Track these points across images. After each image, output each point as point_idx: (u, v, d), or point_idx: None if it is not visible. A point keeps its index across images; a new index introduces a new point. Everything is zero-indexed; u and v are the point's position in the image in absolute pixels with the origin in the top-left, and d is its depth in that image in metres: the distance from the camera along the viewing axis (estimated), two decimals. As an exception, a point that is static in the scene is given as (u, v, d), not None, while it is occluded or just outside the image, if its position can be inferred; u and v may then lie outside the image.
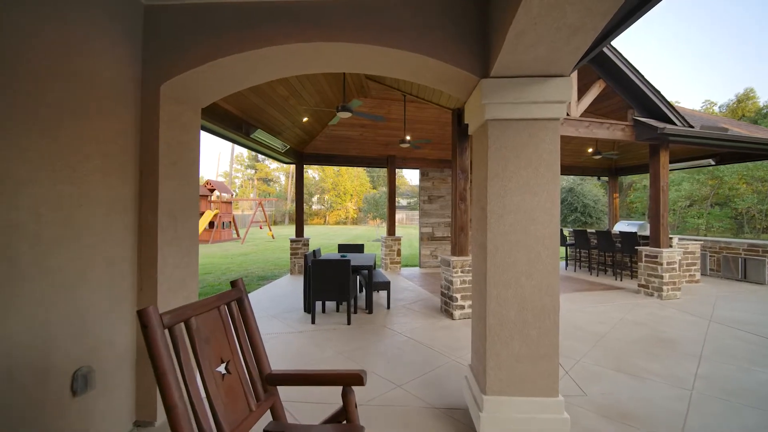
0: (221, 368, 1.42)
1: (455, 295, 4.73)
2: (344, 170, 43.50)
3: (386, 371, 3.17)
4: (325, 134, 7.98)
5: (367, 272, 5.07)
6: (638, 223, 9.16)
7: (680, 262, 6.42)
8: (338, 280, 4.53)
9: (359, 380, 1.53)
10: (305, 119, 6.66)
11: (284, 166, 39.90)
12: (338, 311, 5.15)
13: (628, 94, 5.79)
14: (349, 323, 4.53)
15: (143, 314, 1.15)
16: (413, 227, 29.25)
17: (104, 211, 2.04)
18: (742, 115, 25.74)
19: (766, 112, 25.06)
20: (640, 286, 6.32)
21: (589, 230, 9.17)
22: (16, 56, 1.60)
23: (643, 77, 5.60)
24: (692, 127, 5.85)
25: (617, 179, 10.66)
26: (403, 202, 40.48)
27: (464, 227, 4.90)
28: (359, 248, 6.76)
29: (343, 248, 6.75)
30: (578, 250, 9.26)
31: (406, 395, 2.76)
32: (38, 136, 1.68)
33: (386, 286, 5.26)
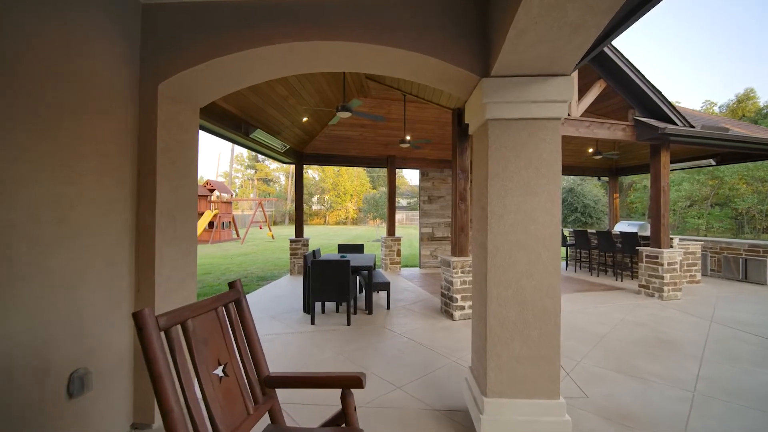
0: (218, 371, 1.40)
1: (455, 295, 4.71)
2: (344, 170, 43.49)
3: (386, 372, 3.16)
4: (324, 134, 7.96)
5: (366, 273, 5.05)
6: (639, 223, 9.13)
7: (681, 262, 6.40)
8: (338, 280, 4.52)
9: (358, 383, 1.52)
10: (305, 119, 6.64)
11: (284, 166, 39.91)
12: (338, 312, 5.14)
13: (628, 93, 5.78)
14: (348, 324, 4.52)
15: (138, 316, 1.14)
16: (413, 227, 29.23)
17: (102, 211, 2.03)
18: (742, 115, 25.73)
19: (766, 112, 25.04)
20: (640, 286, 6.30)
21: (589, 230, 9.14)
22: (15, 56, 1.59)
23: (643, 77, 5.58)
24: (693, 127, 5.83)
25: (617, 179, 10.64)
26: (403, 202, 40.47)
27: (464, 227, 4.89)
28: (359, 248, 6.74)
29: (342, 248, 6.73)
30: (578, 250, 9.25)
31: (405, 397, 2.74)
32: (37, 136, 1.67)
33: (386, 286, 5.25)
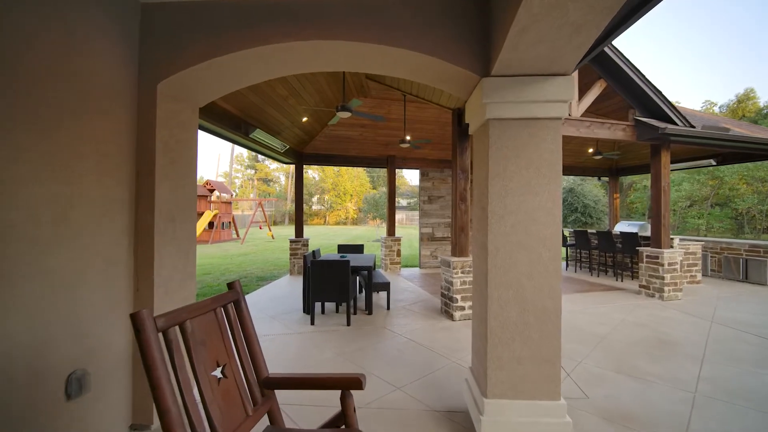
0: (217, 372, 1.39)
1: (455, 296, 4.70)
2: (344, 170, 43.48)
3: (386, 373, 3.14)
4: (324, 134, 7.95)
5: (366, 273, 5.04)
6: (639, 223, 9.12)
7: (681, 262, 6.39)
8: (338, 280, 4.50)
9: (358, 384, 1.50)
10: (305, 119, 6.63)
11: (284, 166, 39.94)
12: (338, 312, 5.12)
13: (629, 93, 5.77)
14: (348, 324, 4.50)
15: (136, 318, 1.13)
16: (413, 227, 29.22)
17: (101, 211, 2.02)
18: (742, 115, 25.73)
19: (766, 112, 25.04)
20: (641, 286, 6.29)
21: (589, 230, 9.13)
22: (15, 56, 1.58)
23: (644, 77, 5.57)
24: (694, 127, 5.82)
25: (618, 179, 10.63)
26: (403, 202, 40.46)
27: (464, 228, 4.88)
28: (359, 249, 6.73)
29: (342, 249, 6.72)
30: (579, 250, 9.23)
31: (405, 398, 2.73)
32: (36, 136, 1.66)
33: (386, 286, 5.23)
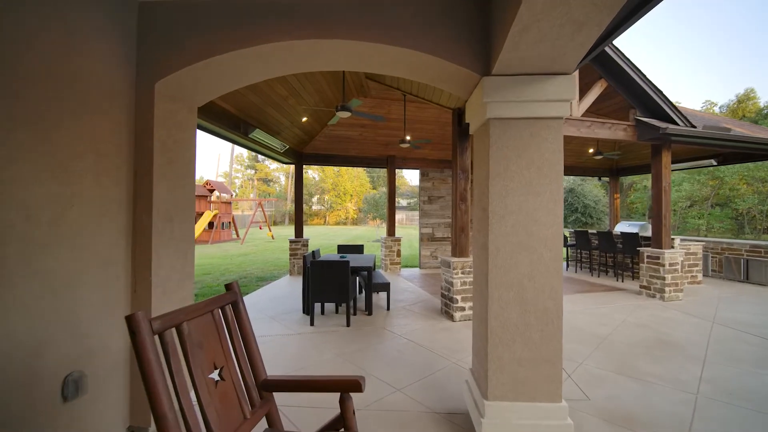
0: (214, 375, 1.38)
1: (455, 296, 4.68)
2: (344, 170, 43.47)
3: (386, 374, 3.13)
4: (324, 134, 7.94)
5: (366, 273, 5.02)
6: (639, 223, 9.10)
7: (682, 263, 6.37)
8: (337, 281, 4.49)
9: (357, 387, 1.49)
10: (304, 119, 6.62)
11: (284, 166, 39.94)
12: (337, 313, 5.11)
13: (629, 93, 5.75)
14: (348, 325, 4.49)
15: (131, 320, 1.11)
16: (413, 228, 29.20)
17: (97, 211, 2.00)
18: (742, 115, 25.72)
19: (766, 112, 25.02)
20: (641, 287, 6.27)
21: (590, 231, 9.11)
22: (14, 55, 1.56)
23: (645, 77, 5.56)
24: (695, 127, 5.81)
25: (618, 179, 10.61)
26: (403, 202, 40.44)
27: (465, 228, 4.86)
28: (359, 249, 6.71)
29: (342, 249, 6.70)
30: (579, 250, 9.21)
31: (405, 399, 2.71)
32: (33, 135, 1.64)
33: (386, 287, 5.22)
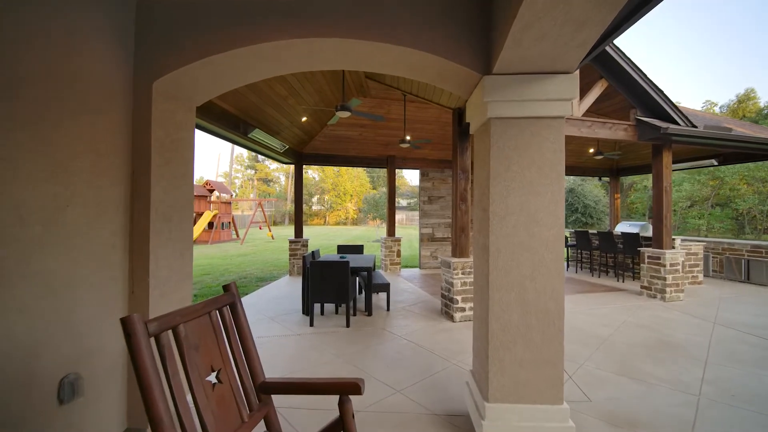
0: (212, 377, 1.36)
1: (456, 297, 4.66)
2: (344, 170, 43.46)
3: (385, 375, 3.11)
4: (324, 134, 7.92)
5: (366, 274, 5.00)
6: (640, 223, 9.09)
7: (683, 263, 6.35)
8: (337, 281, 4.47)
9: (356, 389, 1.47)
10: (304, 119, 6.60)
11: (284, 166, 39.94)
12: (337, 313, 5.09)
13: (630, 93, 5.73)
14: (348, 326, 4.47)
15: (127, 322, 1.09)
16: (413, 228, 29.18)
17: (94, 212, 1.98)
18: (742, 115, 25.71)
19: (766, 112, 25.01)
20: (642, 287, 6.25)
21: (590, 231, 9.09)
22: (12, 55, 1.55)
23: (645, 76, 5.54)
24: (696, 126, 5.79)
25: (619, 180, 10.60)
26: (403, 202, 40.43)
27: (465, 228, 4.84)
28: (359, 249, 6.69)
29: (342, 249, 6.68)
30: (579, 251, 9.19)
31: (405, 401, 2.69)
32: (28, 134, 1.62)
33: (386, 287, 5.20)
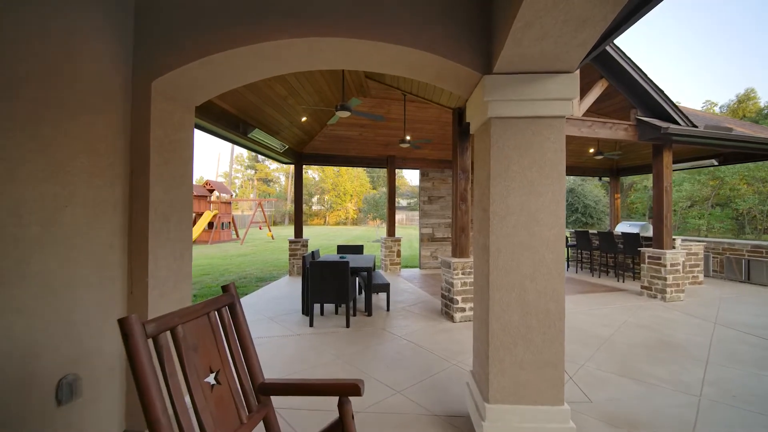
0: (210, 378, 1.34)
1: (456, 297, 4.65)
2: (344, 170, 43.46)
3: (385, 376, 3.09)
4: (324, 134, 7.91)
5: (366, 274, 4.99)
6: (640, 223, 9.08)
7: (683, 263, 6.34)
8: (337, 282, 4.46)
9: (356, 390, 1.45)
10: (304, 119, 6.59)
11: (284, 166, 39.94)
12: (337, 314, 5.07)
13: (631, 93, 5.72)
14: (347, 326, 4.45)
15: (124, 323, 1.08)
16: (413, 228, 29.18)
17: (93, 212, 1.97)
18: (743, 115, 25.71)
19: (767, 112, 25.00)
20: (643, 287, 6.23)
21: (590, 231, 9.08)
22: (12, 55, 1.54)
23: (646, 76, 5.53)
24: (696, 126, 5.78)
25: (619, 180, 10.58)
26: (403, 202, 40.42)
27: (465, 228, 4.83)
28: (359, 249, 6.68)
29: (342, 249, 6.67)
30: (580, 251, 9.18)
31: (405, 401, 2.68)
32: (27, 134, 1.61)
33: (386, 288, 5.19)
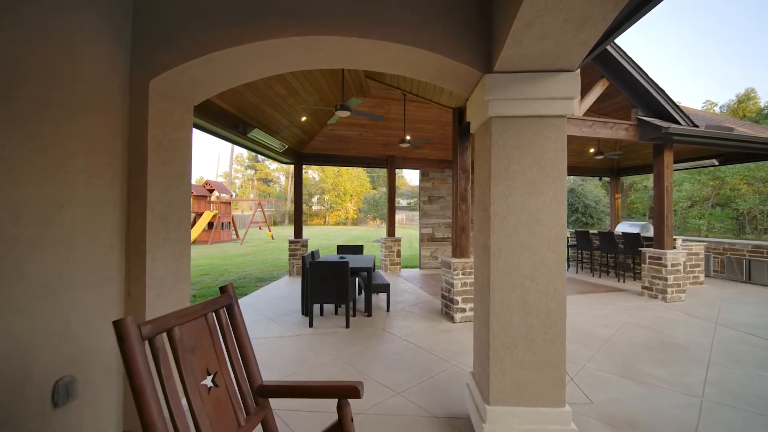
0: (207, 381, 1.33)
1: (456, 297, 4.63)
2: (344, 170, 43.44)
3: (385, 377, 3.08)
4: (324, 134, 7.89)
5: (366, 274, 4.97)
6: (640, 223, 9.06)
7: (684, 263, 6.32)
8: (337, 282, 4.44)
9: (355, 393, 1.44)
10: (303, 118, 6.57)
11: (284, 166, 39.93)
12: (337, 314, 5.06)
13: (631, 92, 5.70)
14: (347, 326, 4.44)
15: (119, 325, 1.06)
16: (413, 228, 29.16)
17: (91, 212, 1.95)
18: (743, 115, 25.68)
19: (767, 112, 24.97)
20: (643, 288, 6.22)
21: (591, 231, 9.06)
22: (12, 55, 1.53)
23: (647, 76, 5.51)
24: (697, 126, 5.76)
25: (619, 179, 10.56)
26: (403, 202, 40.40)
27: (465, 228, 4.81)
28: (358, 249, 6.66)
29: (342, 249, 6.65)
30: (580, 251, 9.16)
31: (405, 403, 2.66)
32: (19, 132, 1.59)
33: (386, 288, 5.17)
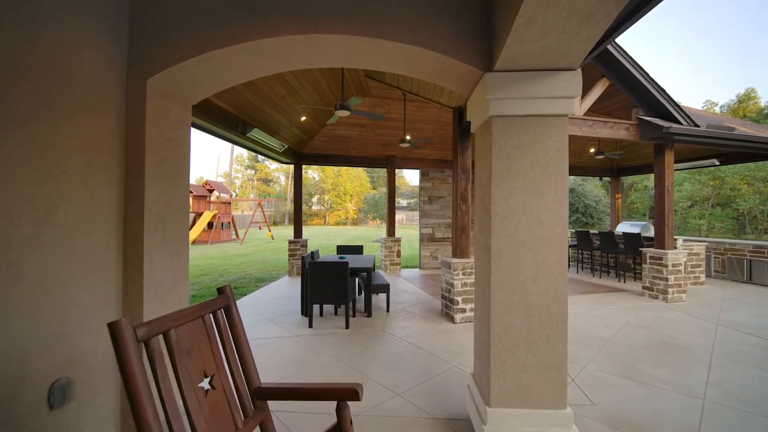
0: (204, 383, 1.31)
1: (456, 298, 4.61)
2: (344, 170, 43.42)
3: (385, 378, 3.06)
4: (323, 134, 7.87)
5: (366, 274, 4.95)
6: (641, 223, 9.04)
7: (685, 263, 6.30)
8: (336, 282, 4.42)
9: (354, 395, 1.42)
10: (303, 118, 6.55)
11: (284, 166, 39.91)
12: (336, 314, 5.04)
13: (632, 92, 5.68)
14: (347, 327, 4.42)
15: (114, 327, 1.04)
16: (413, 228, 29.14)
17: (87, 212, 1.93)
18: (743, 115, 25.67)
19: (767, 112, 24.96)
20: (644, 288, 6.20)
21: (591, 231, 9.05)
22: (11, 55, 1.51)
23: (648, 75, 5.49)
24: (698, 126, 5.74)
25: (619, 179, 10.54)
26: (403, 202, 40.38)
27: (465, 228, 4.79)
28: (358, 249, 6.64)
29: (341, 249, 6.63)
30: (580, 251, 9.14)
31: (405, 404, 2.64)
32: (13, 131, 1.57)
33: (386, 288, 5.15)
